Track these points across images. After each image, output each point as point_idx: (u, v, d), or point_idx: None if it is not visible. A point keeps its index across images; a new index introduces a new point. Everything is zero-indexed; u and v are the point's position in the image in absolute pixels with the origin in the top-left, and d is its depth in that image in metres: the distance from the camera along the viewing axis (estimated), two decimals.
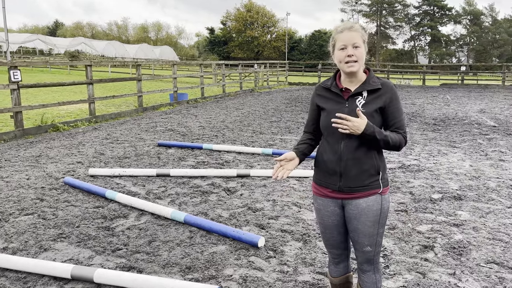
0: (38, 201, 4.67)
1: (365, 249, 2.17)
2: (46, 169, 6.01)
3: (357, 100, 2.06)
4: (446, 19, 69.42)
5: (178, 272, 3.14)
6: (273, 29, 70.19)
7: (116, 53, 54.31)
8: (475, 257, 3.38)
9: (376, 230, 2.13)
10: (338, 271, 2.39)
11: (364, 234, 2.13)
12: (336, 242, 2.28)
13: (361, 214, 2.09)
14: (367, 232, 2.13)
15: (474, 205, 4.59)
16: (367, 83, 2.07)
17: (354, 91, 2.07)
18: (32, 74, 29.91)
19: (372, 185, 2.07)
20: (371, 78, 2.07)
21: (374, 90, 2.05)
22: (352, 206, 2.11)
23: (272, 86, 25.29)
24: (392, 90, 2.07)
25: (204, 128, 9.77)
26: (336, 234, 2.25)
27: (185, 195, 4.91)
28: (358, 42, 2.01)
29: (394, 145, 2.03)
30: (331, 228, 2.23)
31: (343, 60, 2.02)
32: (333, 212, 2.19)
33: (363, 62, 2.05)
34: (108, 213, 4.30)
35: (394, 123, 2.07)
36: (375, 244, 2.16)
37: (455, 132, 9.40)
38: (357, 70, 2.03)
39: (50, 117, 10.22)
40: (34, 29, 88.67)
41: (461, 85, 28.14)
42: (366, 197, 2.08)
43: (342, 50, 2.02)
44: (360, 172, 2.06)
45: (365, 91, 2.06)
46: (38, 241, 3.65)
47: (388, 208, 2.15)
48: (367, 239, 2.14)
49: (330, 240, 2.28)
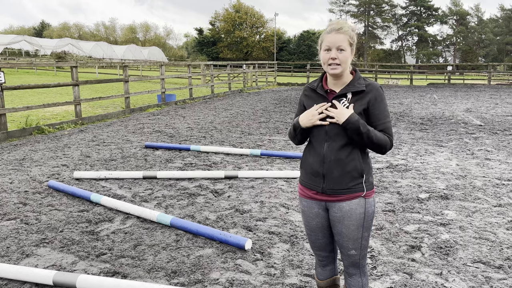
0: (21, 206, 4.57)
1: (350, 253, 2.15)
2: (30, 172, 5.90)
3: (341, 101, 2.04)
4: (432, 19, 70.25)
5: (163, 276, 3.09)
6: (262, 30, 70.22)
7: (103, 54, 53.82)
8: (462, 256, 3.39)
9: (360, 234, 2.10)
10: (324, 274, 2.36)
11: (349, 237, 2.11)
12: (322, 244, 2.26)
13: (345, 218, 2.07)
14: (351, 235, 2.10)
15: (460, 204, 4.62)
16: (351, 84, 2.04)
17: (339, 93, 2.05)
18: (18, 76, 29.45)
19: (356, 188, 2.04)
20: (357, 80, 2.04)
21: (359, 92, 2.02)
22: (336, 209, 2.08)
23: (261, 87, 25.28)
24: (377, 92, 2.02)
25: (192, 129, 9.70)
26: (321, 236, 2.23)
27: (172, 198, 4.85)
28: (343, 45, 1.97)
29: (378, 143, 1.98)
30: (316, 231, 2.21)
31: (327, 62, 2.00)
32: (318, 214, 2.16)
33: (347, 65, 2.02)
34: (93, 217, 4.23)
35: (377, 125, 2.02)
36: (360, 247, 2.13)
37: (442, 132, 9.48)
38: (340, 72, 2.01)
39: (35, 119, 10.05)
40: (20, 30, 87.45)
41: (447, 84, 28.46)
42: (349, 200, 2.05)
43: (327, 52, 2.00)
44: (342, 174, 2.03)
45: (349, 93, 2.04)
46: (20, 247, 3.57)
47: (373, 212, 2.12)
48: (352, 242, 2.12)
49: (316, 242, 2.26)
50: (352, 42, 2.01)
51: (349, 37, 1.99)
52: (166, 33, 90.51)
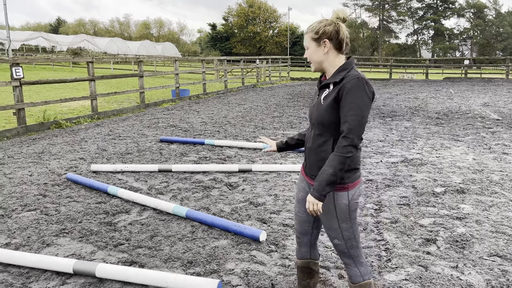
0: (41, 197, 4.68)
1: (334, 242, 2.22)
2: (48, 165, 6.03)
3: (324, 92, 2.11)
4: (449, 12, 68.98)
5: (179, 266, 3.14)
6: (275, 25, 69.96)
7: (118, 50, 54.31)
8: (478, 250, 3.37)
9: (337, 225, 2.14)
10: (300, 254, 2.49)
11: (326, 226, 2.20)
12: (301, 219, 2.36)
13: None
14: (327, 224, 2.19)
15: (477, 199, 4.57)
16: (333, 75, 2.08)
17: (322, 84, 2.13)
18: (35, 72, 29.96)
19: None
20: (339, 71, 2.05)
21: (337, 82, 2.04)
22: None
23: (274, 82, 25.24)
24: (350, 83, 1.94)
25: (206, 123, 9.76)
26: (303, 210, 2.33)
27: (187, 190, 4.91)
28: (306, 45, 2.12)
29: (342, 166, 1.93)
30: (300, 203, 2.34)
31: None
32: (303, 189, 2.31)
33: (316, 60, 2.10)
34: (110, 208, 4.31)
35: (342, 120, 1.96)
36: (342, 238, 2.17)
37: (458, 126, 9.35)
38: (316, 68, 2.14)
39: (52, 114, 10.23)
40: (36, 27, 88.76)
41: (464, 78, 27.97)
42: None
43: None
44: (316, 161, 2.13)
45: (331, 83, 2.07)
46: (41, 237, 3.67)
47: (346, 205, 2.08)
48: (331, 231, 2.19)
49: (298, 214, 2.38)
50: (316, 37, 2.06)
51: (312, 33, 2.08)
52: (180, 29, 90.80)
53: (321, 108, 2.05)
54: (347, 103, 1.94)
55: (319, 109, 2.07)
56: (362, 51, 69.36)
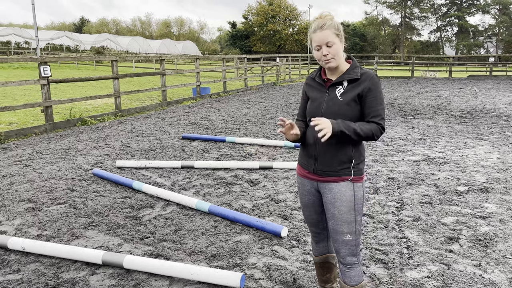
0: (69, 191, 4.85)
1: (345, 238, 2.18)
2: (75, 161, 6.22)
3: (337, 89, 2.15)
4: (474, 9, 67.33)
5: (203, 259, 3.23)
6: (295, 22, 69.70)
7: (139, 48, 55.13)
8: (501, 249, 3.34)
9: (353, 217, 2.17)
10: (318, 250, 2.52)
11: (342, 220, 2.17)
12: (314, 220, 2.39)
13: (336, 199, 2.16)
14: (344, 218, 2.17)
15: (501, 198, 4.51)
16: (347, 73, 2.14)
17: (335, 81, 2.16)
18: (60, 70, 30.69)
19: (343, 172, 2.14)
20: (353, 69, 2.15)
21: (354, 80, 2.12)
22: (327, 190, 2.19)
23: (294, 80, 25.19)
24: (372, 80, 2.11)
25: (227, 121, 9.86)
26: (313, 212, 2.35)
27: (209, 186, 5.00)
28: (331, 40, 2.07)
29: (366, 136, 2.07)
30: (309, 206, 2.35)
31: (321, 59, 2.12)
32: (309, 192, 2.30)
33: (340, 56, 2.12)
34: (135, 203, 4.44)
35: (369, 112, 2.11)
36: (355, 232, 2.19)
37: (483, 125, 9.18)
38: (336, 65, 2.13)
39: (78, 111, 10.52)
40: (61, 26, 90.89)
41: (489, 76, 27.31)
42: (337, 182, 2.16)
43: (318, 50, 2.12)
44: (331, 157, 2.15)
45: (345, 81, 2.14)
46: (70, 229, 3.81)
47: (362, 197, 2.20)
48: (346, 226, 2.18)
49: (308, 218, 2.40)
50: (338, 32, 2.10)
51: (334, 29, 2.09)
52: (200, 27, 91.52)
53: (341, 103, 2.11)
54: (375, 98, 2.10)
55: (337, 104, 2.12)
56: (384, 49, 68.42)
